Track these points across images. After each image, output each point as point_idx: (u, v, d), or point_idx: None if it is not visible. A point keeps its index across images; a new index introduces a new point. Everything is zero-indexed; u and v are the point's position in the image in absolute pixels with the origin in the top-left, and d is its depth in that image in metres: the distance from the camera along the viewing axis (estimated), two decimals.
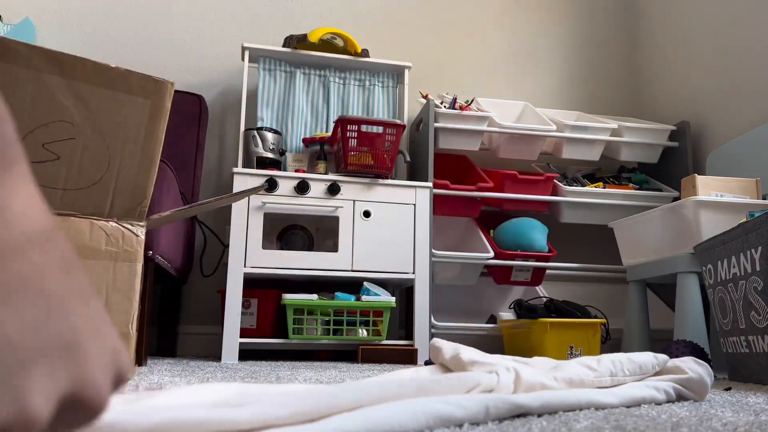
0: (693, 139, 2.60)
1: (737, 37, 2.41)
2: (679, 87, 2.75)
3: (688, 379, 0.81)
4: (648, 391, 0.75)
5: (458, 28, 2.94)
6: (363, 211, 2.17)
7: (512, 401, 0.58)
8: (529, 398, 0.61)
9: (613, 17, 3.12)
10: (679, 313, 1.86)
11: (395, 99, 2.60)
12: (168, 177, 1.75)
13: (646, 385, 0.77)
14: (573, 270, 2.48)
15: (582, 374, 0.74)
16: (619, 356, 0.81)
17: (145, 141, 1.05)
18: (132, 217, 1.08)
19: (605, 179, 2.64)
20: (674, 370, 0.84)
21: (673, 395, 0.79)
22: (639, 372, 0.81)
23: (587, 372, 0.75)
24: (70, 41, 2.54)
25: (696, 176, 1.94)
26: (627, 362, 0.80)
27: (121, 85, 1.00)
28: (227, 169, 2.59)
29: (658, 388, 0.77)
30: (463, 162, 2.60)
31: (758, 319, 1.29)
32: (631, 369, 0.80)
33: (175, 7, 2.68)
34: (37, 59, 0.93)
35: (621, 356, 0.81)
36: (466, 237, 2.50)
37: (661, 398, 0.76)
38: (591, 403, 0.67)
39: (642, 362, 0.82)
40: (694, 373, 0.81)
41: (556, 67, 3.00)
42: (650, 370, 0.83)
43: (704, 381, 0.81)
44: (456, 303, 2.47)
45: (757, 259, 1.29)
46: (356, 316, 2.06)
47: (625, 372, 0.79)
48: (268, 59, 2.49)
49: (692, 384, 0.81)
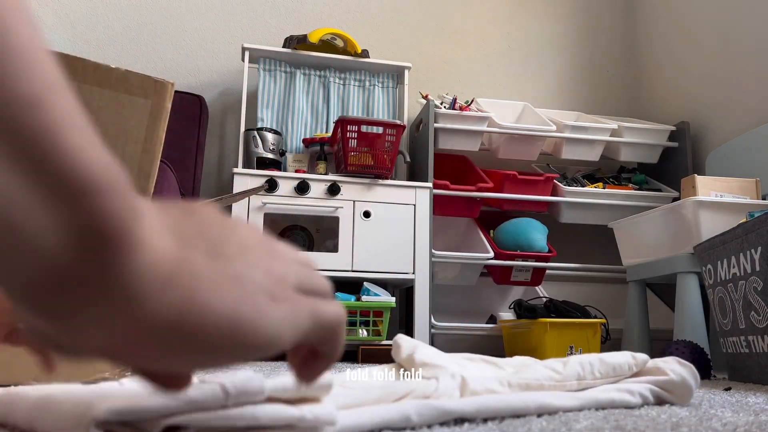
0: (693, 140, 2.60)
1: (737, 37, 2.42)
2: (679, 87, 2.76)
3: (668, 381, 0.74)
4: (618, 395, 0.69)
5: (458, 28, 2.94)
6: (363, 211, 2.17)
7: (439, 407, 0.55)
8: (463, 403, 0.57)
9: (613, 17, 3.12)
10: (678, 314, 1.86)
11: (395, 99, 2.60)
12: (168, 177, 1.75)
13: (618, 388, 0.71)
14: (573, 270, 2.48)
15: (543, 378, 0.68)
16: (590, 357, 0.74)
17: (146, 141, 1.05)
18: None
19: (605, 179, 2.64)
20: (654, 371, 0.77)
21: (650, 398, 0.72)
22: (613, 374, 0.74)
23: (550, 375, 0.69)
24: (70, 41, 2.55)
25: (696, 176, 1.94)
26: (598, 364, 0.74)
27: (121, 86, 1.00)
28: (227, 170, 2.59)
29: (631, 391, 0.71)
30: (463, 162, 2.61)
31: (758, 319, 1.29)
32: (604, 371, 0.73)
33: (175, 7, 2.68)
34: None
35: (592, 357, 0.75)
36: (466, 237, 2.50)
37: (634, 402, 0.70)
38: (542, 407, 0.62)
39: (616, 363, 0.75)
40: (675, 374, 0.75)
41: (556, 67, 3.00)
42: (626, 371, 0.76)
43: (687, 383, 0.74)
44: (456, 303, 2.47)
45: (757, 259, 1.29)
46: (356, 317, 2.06)
47: (596, 374, 0.72)
48: (268, 60, 2.49)
49: (673, 386, 0.74)
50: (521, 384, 0.66)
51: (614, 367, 0.74)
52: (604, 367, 0.74)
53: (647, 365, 0.78)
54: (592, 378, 0.72)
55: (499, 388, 0.64)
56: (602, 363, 0.74)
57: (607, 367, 0.74)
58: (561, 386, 0.69)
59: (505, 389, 0.65)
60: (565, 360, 0.73)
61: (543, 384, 0.68)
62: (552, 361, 0.73)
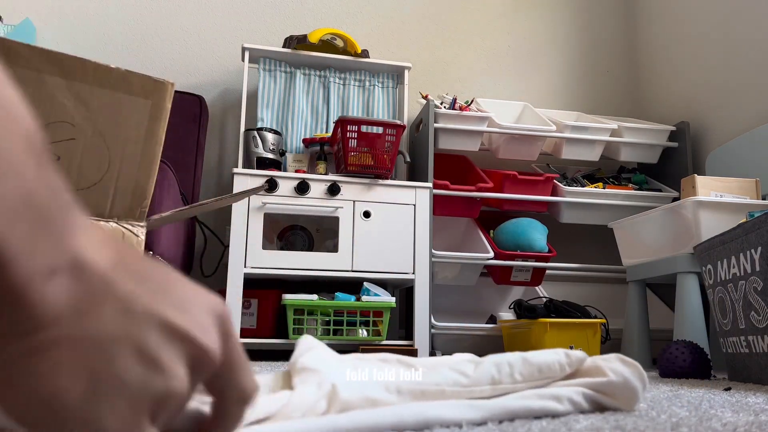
0: (693, 140, 2.60)
1: (737, 36, 2.42)
2: (679, 87, 2.76)
3: (607, 383, 0.63)
4: (538, 402, 0.59)
5: (458, 28, 2.94)
6: (363, 211, 2.17)
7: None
8: (293, 427, 0.45)
9: (613, 17, 3.12)
10: (678, 314, 1.86)
11: (395, 99, 2.60)
12: (168, 177, 1.75)
13: (540, 394, 0.60)
14: (573, 270, 2.48)
15: (445, 383, 0.57)
16: (510, 357, 0.63)
17: (146, 141, 1.05)
18: (132, 218, 1.08)
19: (605, 179, 2.64)
20: (593, 371, 0.65)
21: (584, 405, 0.62)
22: (539, 376, 0.63)
23: (456, 380, 0.58)
24: (70, 42, 2.55)
25: (696, 176, 1.94)
26: (520, 364, 0.62)
27: (121, 86, 1.00)
28: (227, 170, 2.59)
29: (557, 397, 0.60)
30: (463, 162, 2.61)
31: (758, 319, 1.29)
32: (527, 373, 0.62)
33: (175, 7, 2.68)
34: (38, 60, 0.93)
35: (513, 357, 0.63)
36: (466, 237, 2.50)
37: (561, 409, 0.60)
38: (429, 421, 0.51)
39: (543, 363, 0.63)
40: (616, 375, 0.63)
41: (556, 67, 3.00)
42: (557, 372, 0.64)
43: (630, 385, 0.63)
44: (456, 303, 2.47)
45: (757, 259, 1.29)
46: (356, 317, 2.06)
47: (516, 377, 0.61)
48: (268, 60, 2.49)
49: (614, 389, 0.63)
50: (414, 391, 0.56)
51: (540, 368, 0.63)
52: (527, 368, 0.62)
53: (585, 364, 0.66)
54: (510, 381, 0.61)
55: (384, 396, 0.54)
56: (525, 363, 0.62)
57: (530, 368, 0.62)
58: (467, 392, 0.58)
59: (391, 397, 0.54)
60: (479, 360, 0.62)
61: (444, 390, 0.57)
62: (463, 362, 0.62)
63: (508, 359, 0.62)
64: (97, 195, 1.05)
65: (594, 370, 0.65)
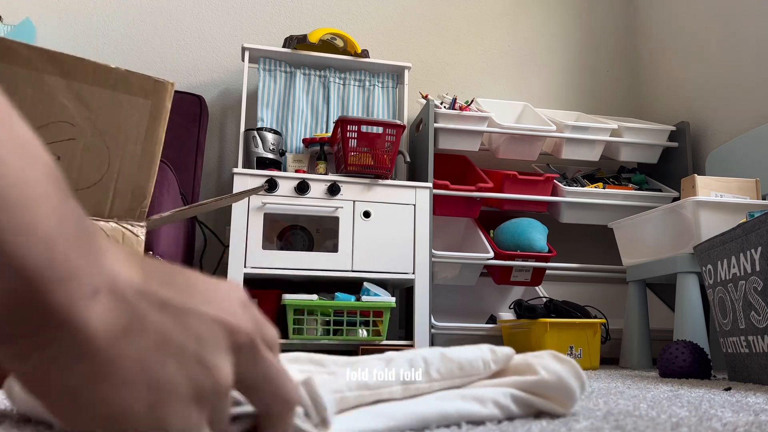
0: (693, 140, 2.60)
1: (737, 36, 2.42)
2: (679, 87, 2.76)
3: (539, 382, 0.56)
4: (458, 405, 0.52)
5: (458, 28, 2.94)
6: (363, 211, 2.17)
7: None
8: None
9: (613, 17, 3.12)
10: (678, 314, 1.86)
11: (395, 99, 2.60)
12: (168, 177, 1.75)
13: (462, 395, 0.53)
14: (573, 270, 2.48)
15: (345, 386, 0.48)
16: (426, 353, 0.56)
17: (146, 141, 1.05)
18: (132, 218, 1.08)
19: (605, 179, 2.64)
20: (523, 369, 0.58)
21: (512, 408, 0.55)
22: (459, 374, 0.56)
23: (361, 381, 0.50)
24: (70, 41, 2.55)
25: (696, 176, 1.94)
26: (438, 361, 0.55)
27: (121, 86, 1.00)
28: (227, 170, 2.59)
29: (481, 399, 0.53)
30: (463, 162, 2.61)
31: (758, 319, 1.29)
32: (445, 370, 0.55)
33: (175, 7, 2.68)
34: (38, 60, 0.93)
35: (430, 353, 0.56)
36: (466, 237, 2.50)
37: (485, 413, 0.53)
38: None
39: (465, 360, 0.56)
40: (549, 373, 0.56)
41: (556, 67, 3.00)
42: (480, 370, 0.57)
43: (565, 385, 0.56)
44: (456, 303, 2.47)
45: (757, 259, 1.29)
46: (356, 317, 2.06)
47: (432, 375, 0.54)
48: (268, 60, 2.49)
49: (547, 389, 0.56)
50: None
51: (461, 365, 0.56)
52: (446, 366, 0.55)
53: (514, 362, 0.60)
54: (426, 381, 0.53)
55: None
56: (444, 360, 0.55)
57: (450, 364, 0.55)
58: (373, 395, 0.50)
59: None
60: (390, 357, 0.55)
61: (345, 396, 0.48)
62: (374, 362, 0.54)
63: (424, 355, 0.55)
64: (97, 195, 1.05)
65: (524, 368, 0.58)
